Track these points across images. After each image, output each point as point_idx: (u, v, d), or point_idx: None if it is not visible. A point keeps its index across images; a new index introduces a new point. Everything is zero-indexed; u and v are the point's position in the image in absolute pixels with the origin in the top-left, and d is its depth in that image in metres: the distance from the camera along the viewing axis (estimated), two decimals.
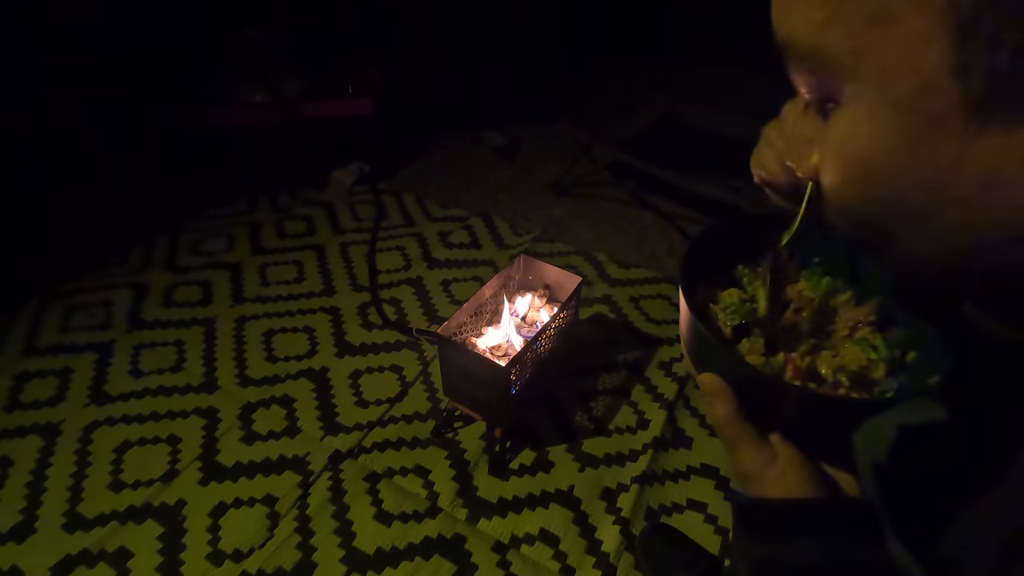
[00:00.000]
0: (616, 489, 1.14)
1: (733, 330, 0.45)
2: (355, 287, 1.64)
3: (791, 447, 0.41)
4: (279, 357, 1.42)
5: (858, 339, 0.45)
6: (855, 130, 0.29)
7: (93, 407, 1.29)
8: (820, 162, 0.32)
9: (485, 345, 1.21)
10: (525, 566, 1.02)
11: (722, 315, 0.46)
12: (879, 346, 0.44)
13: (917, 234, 0.29)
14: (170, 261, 1.72)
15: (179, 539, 1.05)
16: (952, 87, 0.24)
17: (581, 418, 1.28)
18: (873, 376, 0.43)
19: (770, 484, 0.40)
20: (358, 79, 2.02)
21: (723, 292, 0.48)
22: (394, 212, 1.95)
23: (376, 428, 1.25)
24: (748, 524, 0.41)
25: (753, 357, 0.44)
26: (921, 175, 0.27)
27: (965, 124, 0.25)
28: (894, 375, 0.43)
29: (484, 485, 1.15)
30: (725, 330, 0.46)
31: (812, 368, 0.44)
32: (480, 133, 2.33)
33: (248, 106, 1.91)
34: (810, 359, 0.44)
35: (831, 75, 0.29)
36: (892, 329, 0.46)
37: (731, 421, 0.41)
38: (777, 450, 0.41)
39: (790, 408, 0.42)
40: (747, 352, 0.45)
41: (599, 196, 2.03)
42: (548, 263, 1.31)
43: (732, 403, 0.41)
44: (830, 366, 0.44)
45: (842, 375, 0.43)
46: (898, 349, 0.44)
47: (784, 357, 0.44)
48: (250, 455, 1.20)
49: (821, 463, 0.42)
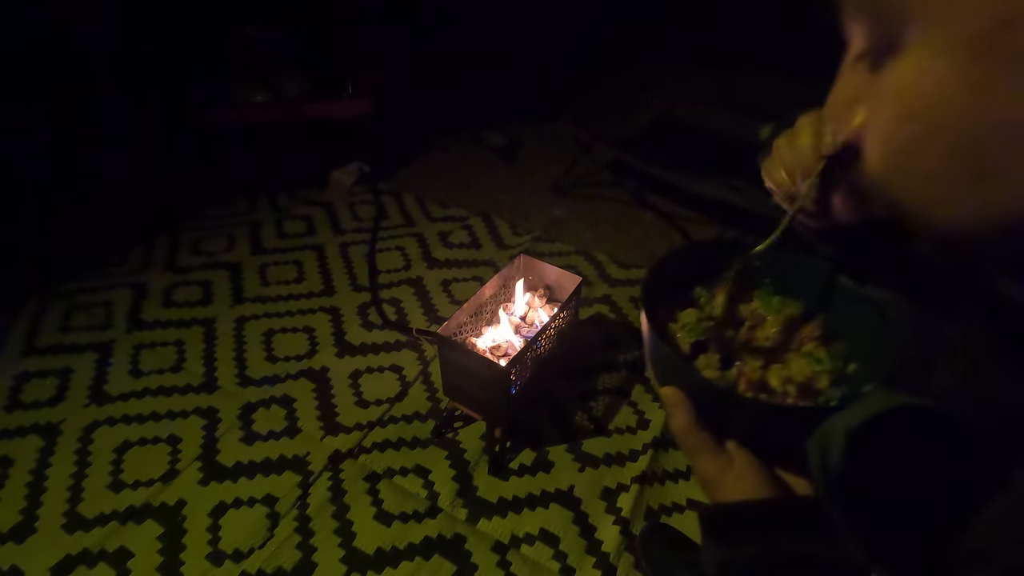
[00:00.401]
0: (616, 489, 1.14)
1: (691, 346, 0.50)
2: (355, 287, 1.64)
3: (746, 453, 0.44)
4: (279, 357, 1.42)
5: (804, 352, 0.49)
6: (919, 76, 0.26)
7: (93, 407, 1.29)
8: (867, 120, 0.30)
9: (485, 345, 1.21)
10: (525, 566, 1.02)
11: (681, 333, 0.51)
12: (823, 359, 0.48)
13: (981, 194, 0.26)
14: (170, 261, 1.72)
15: (179, 539, 1.05)
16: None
17: (581, 418, 1.28)
18: (818, 386, 0.47)
19: (728, 488, 0.43)
20: (358, 79, 2.02)
21: (681, 312, 0.52)
22: (394, 212, 1.95)
23: (376, 428, 1.25)
24: (711, 530, 0.43)
25: (709, 371, 0.48)
26: (996, 123, 0.24)
27: None
28: (838, 385, 0.47)
29: (484, 485, 1.15)
30: (684, 347, 0.50)
31: (763, 380, 0.48)
32: (480, 133, 2.33)
33: (248, 106, 1.91)
34: (761, 372, 0.48)
35: (893, 15, 0.26)
36: (835, 342, 0.50)
37: (690, 430, 0.44)
38: (733, 456, 0.44)
39: (743, 417, 0.45)
40: (704, 367, 0.49)
41: (599, 196, 2.03)
42: (548, 263, 1.31)
43: (690, 414, 0.44)
44: (779, 378, 0.48)
45: (790, 386, 0.47)
46: (840, 361, 0.49)
47: (738, 371, 0.49)
48: (250, 455, 1.20)
49: (776, 468, 0.45)
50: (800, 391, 0.47)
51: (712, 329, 0.51)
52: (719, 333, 0.51)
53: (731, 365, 0.49)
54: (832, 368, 0.48)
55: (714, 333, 0.51)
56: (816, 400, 0.47)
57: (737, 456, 0.44)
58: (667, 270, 0.53)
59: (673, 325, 0.52)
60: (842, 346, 0.50)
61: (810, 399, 0.47)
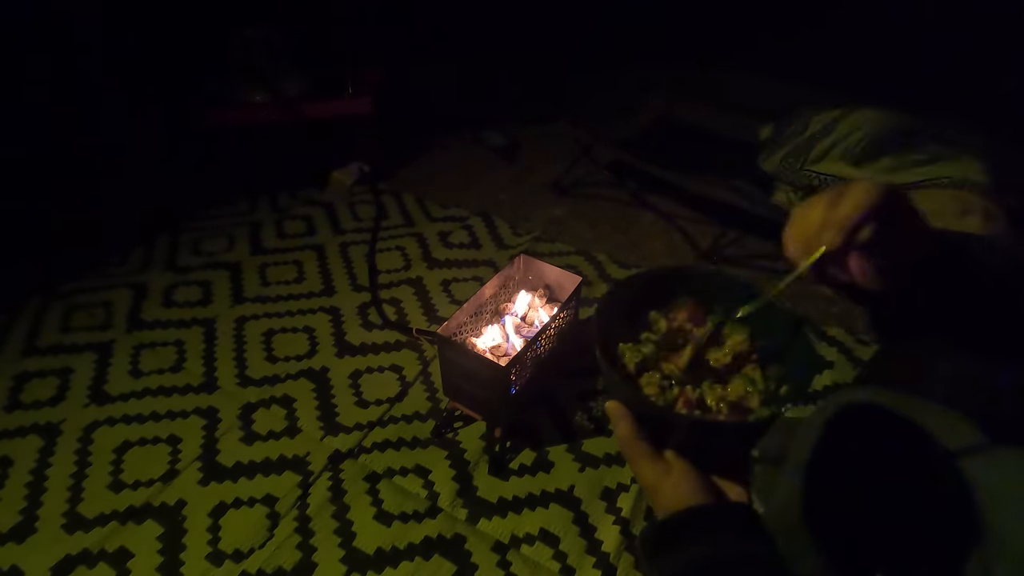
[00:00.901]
0: (616, 489, 1.14)
1: (636, 366, 0.55)
2: (355, 287, 1.64)
3: (683, 461, 0.49)
4: (279, 357, 1.42)
5: (742, 374, 0.55)
6: None
7: (93, 407, 1.29)
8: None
9: (485, 345, 1.21)
10: (525, 566, 1.02)
11: (628, 354, 0.57)
12: (757, 380, 0.54)
13: None
14: (170, 261, 1.71)
15: (179, 539, 1.05)
16: None
17: (581, 418, 1.28)
18: (750, 405, 0.53)
19: (666, 493, 0.47)
20: (358, 79, 2.02)
21: (623, 346, 0.58)
22: (394, 212, 1.95)
23: (376, 428, 1.25)
24: (648, 547, 0.47)
25: (651, 388, 0.54)
26: None
27: None
28: (767, 404, 0.53)
29: (484, 485, 1.15)
30: (630, 366, 0.56)
31: (701, 398, 0.54)
32: (480, 133, 2.33)
33: (248, 106, 1.91)
34: (699, 391, 0.54)
35: None
36: (772, 365, 0.56)
37: (631, 440, 0.49)
38: (671, 464, 0.48)
39: (678, 431, 0.50)
40: (646, 384, 0.55)
41: (599, 196, 2.03)
42: (548, 263, 1.31)
43: (631, 425, 0.49)
44: (714, 397, 0.53)
45: (723, 404, 0.53)
46: (774, 383, 0.54)
47: (678, 390, 0.54)
48: (250, 455, 1.20)
49: (712, 475, 0.49)
50: (732, 409, 0.53)
51: (653, 352, 0.57)
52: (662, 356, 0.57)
53: (673, 385, 0.55)
54: (764, 389, 0.54)
55: (656, 355, 0.57)
56: (747, 417, 0.52)
57: (675, 464, 0.48)
58: (620, 297, 0.59)
59: (623, 345, 0.58)
60: (777, 369, 0.55)
61: (741, 416, 0.52)
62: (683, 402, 0.53)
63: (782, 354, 0.55)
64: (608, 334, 0.57)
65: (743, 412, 0.52)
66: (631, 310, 0.61)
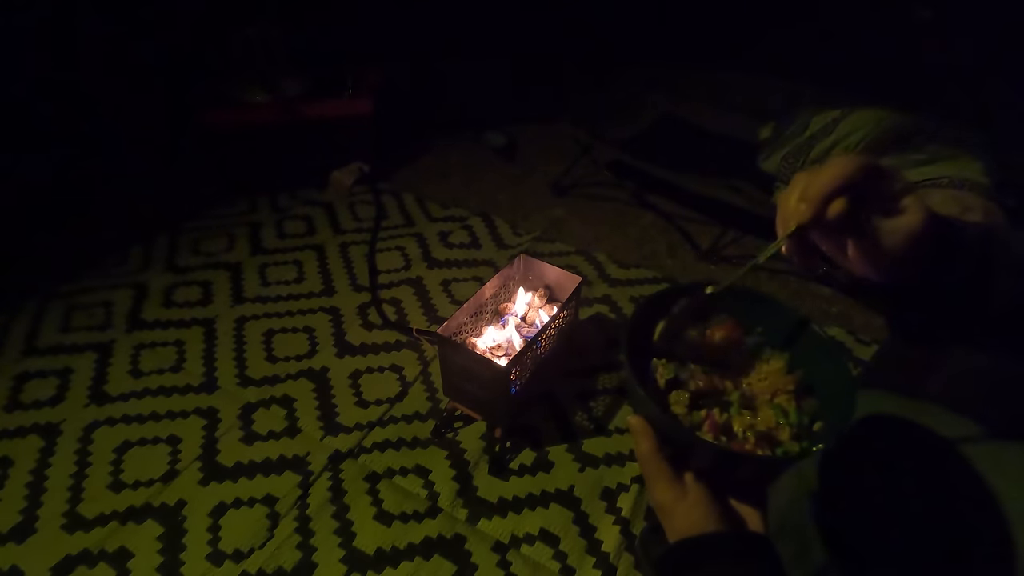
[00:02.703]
0: (616, 489, 1.14)
1: (667, 382, 0.53)
2: (355, 287, 1.64)
3: (701, 486, 0.48)
4: (279, 357, 1.42)
5: (775, 404, 0.52)
6: None
7: (93, 407, 1.29)
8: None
9: (485, 345, 1.21)
10: (525, 566, 1.02)
11: (661, 369, 0.54)
12: (790, 412, 0.51)
13: None
14: (170, 261, 1.71)
15: (179, 539, 1.05)
16: None
17: (581, 418, 1.28)
18: (780, 437, 0.50)
19: (679, 516, 0.46)
20: (358, 79, 2.02)
21: (657, 361, 0.55)
22: (394, 212, 1.95)
23: (376, 428, 1.25)
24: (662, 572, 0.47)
25: (678, 408, 0.52)
26: None
27: None
28: (798, 439, 0.50)
29: (484, 485, 1.15)
30: (660, 382, 0.53)
31: (728, 424, 0.51)
32: (480, 133, 2.33)
33: (248, 106, 1.91)
34: (727, 416, 0.51)
35: None
36: (807, 399, 0.53)
37: (651, 458, 0.48)
38: (689, 487, 0.47)
39: (701, 455, 0.49)
40: (674, 403, 0.52)
41: (599, 196, 2.03)
42: (548, 263, 1.31)
43: (653, 443, 0.48)
44: (742, 425, 0.51)
45: (751, 433, 0.50)
46: (807, 417, 0.51)
47: (705, 412, 0.52)
48: (250, 455, 1.20)
49: (732, 499, 0.49)
50: (759, 439, 0.50)
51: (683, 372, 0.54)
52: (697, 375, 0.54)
53: (701, 406, 0.52)
54: (797, 423, 0.51)
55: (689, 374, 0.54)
56: (774, 450, 0.50)
57: (692, 488, 0.47)
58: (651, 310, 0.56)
59: (656, 360, 0.55)
60: (812, 404, 0.52)
61: (768, 448, 0.50)
62: (709, 425, 0.51)
63: (818, 388, 0.53)
64: (639, 347, 0.54)
65: (771, 443, 0.50)
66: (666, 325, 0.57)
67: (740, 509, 0.48)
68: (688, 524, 0.45)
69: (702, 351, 0.56)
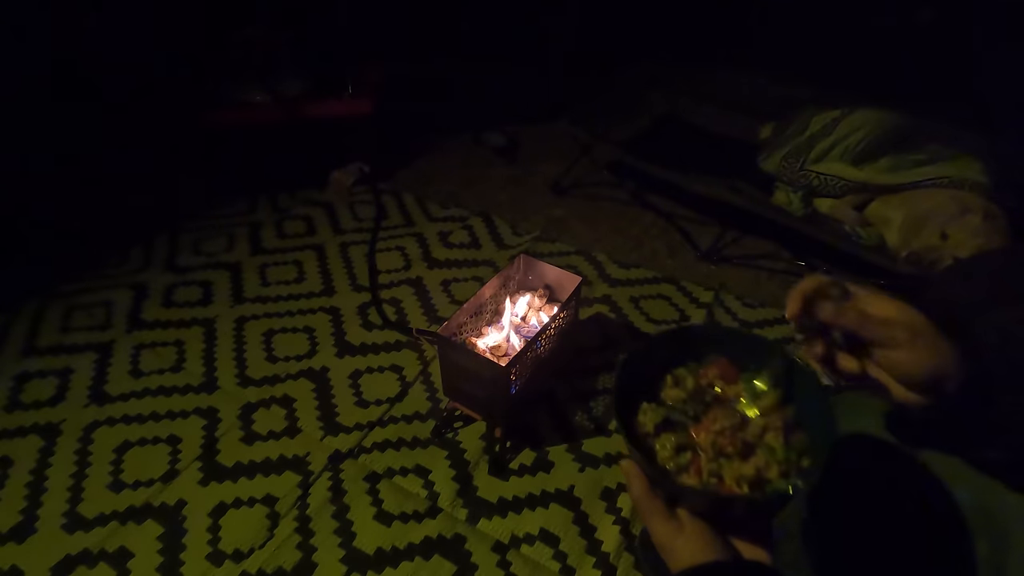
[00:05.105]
0: (616, 489, 1.14)
1: (655, 427, 0.54)
2: (355, 287, 1.64)
3: (697, 520, 0.49)
4: (279, 357, 1.42)
5: (764, 443, 0.52)
6: None
7: (93, 407, 1.29)
8: None
9: (485, 345, 1.21)
10: (525, 566, 1.02)
11: (650, 413, 0.54)
12: (776, 449, 0.51)
13: None
14: (170, 261, 1.71)
15: (179, 539, 1.05)
16: None
17: (581, 418, 1.28)
18: (767, 476, 0.50)
19: (679, 550, 0.47)
20: (358, 79, 2.02)
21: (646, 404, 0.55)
22: (394, 212, 1.95)
23: (376, 428, 1.25)
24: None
25: (664, 452, 0.52)
26: None
27: None
28: (787, 476, 0.50)
29: (484, 485, 1.15)
30: (649, 427, 0.54)
31: (717, 472, 0.51)
32: (480, 133, 2.33)
33: (248, 106, 1.91)
34: (716, 464, 0.51)
35: None
36: (796, 434, 0.53)
37: (644, 498, 0.49)
38: (684, 522, 0.49)
39: (688, 499, 0.50)
40: (660, 447, 0.53)
41: (599, 196, 2.03)
42: (548, 263, 1.31)
43: (644, 484, 0.50)
44: (732, 475, 0.51)
45: (743, 483, 0.50)
46: (795, 453, 0.51)
47: (692, 456, 0.52)
48: (250, 455, 1.20)
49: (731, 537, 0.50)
50: (751, 486, 0.50)
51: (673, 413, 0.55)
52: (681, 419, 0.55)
53: (687, 450, 0.53)
54: (785, 459, 0.51)
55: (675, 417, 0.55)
56: (763, 489, 0.50)
57: (688, 522, 0.49)
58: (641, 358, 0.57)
59: (645, 404, 0.55)
60: (801, 440, 0.52)
61: (757, 489, 0.50)
62: (694, 469, 0.51)
63: (804, 420, 0.53)
64: (628, 392, 0.56)
65: (761, 485, 0.50)
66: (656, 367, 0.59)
67: (739, 545, 0.49)
68: (689, 554, 0.46)
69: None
